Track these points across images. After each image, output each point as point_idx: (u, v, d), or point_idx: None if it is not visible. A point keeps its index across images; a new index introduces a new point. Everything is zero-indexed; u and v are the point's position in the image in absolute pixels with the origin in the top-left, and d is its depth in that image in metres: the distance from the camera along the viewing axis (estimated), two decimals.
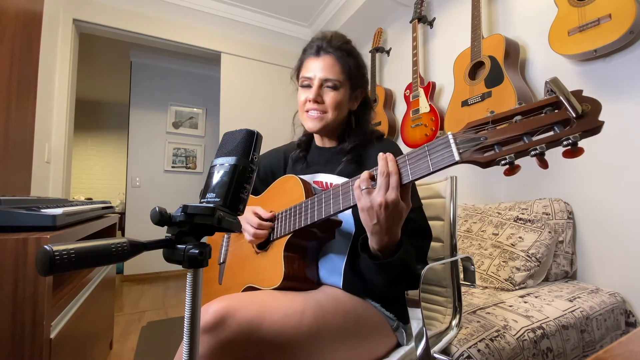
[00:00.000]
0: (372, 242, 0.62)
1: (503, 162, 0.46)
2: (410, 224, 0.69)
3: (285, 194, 0.81)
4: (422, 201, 0.83)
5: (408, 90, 2.05)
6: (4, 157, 1.27)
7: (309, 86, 0.83)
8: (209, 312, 0.57)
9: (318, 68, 0.81)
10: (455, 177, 0.92)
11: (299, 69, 0.88)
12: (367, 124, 0.90)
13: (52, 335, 0.76)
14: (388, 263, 0.60)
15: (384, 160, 0.57)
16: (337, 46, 0.82)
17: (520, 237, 1.26)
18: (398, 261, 0.60)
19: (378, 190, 0.56)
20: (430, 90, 1.93)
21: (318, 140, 0.93)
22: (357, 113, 0.89)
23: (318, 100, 0.81)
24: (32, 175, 1.59)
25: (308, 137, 0.96)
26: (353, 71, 0.83)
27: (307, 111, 0.83)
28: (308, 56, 0.84)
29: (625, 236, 1.20)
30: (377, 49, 2.47)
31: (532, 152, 0.45)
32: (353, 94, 0.86)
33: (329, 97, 0.81)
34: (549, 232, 1.25)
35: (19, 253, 0.70)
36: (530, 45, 1.53)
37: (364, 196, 0.57)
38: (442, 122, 1.81)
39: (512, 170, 0.46)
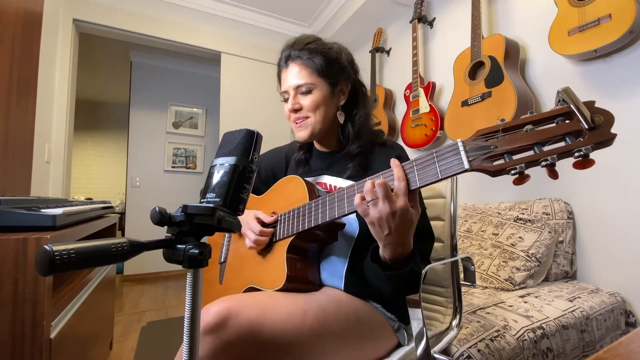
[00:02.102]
0: (385, 253, 0.60)
1: (513, 171, 0.45)
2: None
3: (288, 195, 0.81)
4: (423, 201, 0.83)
5: (408, 90, 2.05)
6: (4, 157, 1.27)
7: (286, 100, 0.83)
8: (210, 313, 0.56)
9: (289, 78, 0.81)
10: (456, 177, 0.91)
11: (279, 85, 0.87)
12: (366, 116, 0.84)
13: (52, 335, 0.76)
14: (401, 274, 0.60)
15: (393, 165, 0.56)
16: (300, 48, 0.80)
17: (520, 237, 1.26)
18: (410, 271, 0.60)
19: (383, 199, 0.54)
20: (430, 90, 1.93)
21: (318, 146, 0.92)
22: (348, 106, 0.84)
23: (296, 107, 0.81)
24: (32, 175, 1.59)
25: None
26: (323, 67, 0.79)
27: (294, 122, 0.83)
28: (281, 70, 0.84)
29: (625, 236, 1.20)
30: (377, 49, 2.47)
31: (543, 163, 0.44)
32: (335, 89, 0.82)
33: (306, 100, 0.80)
34: (549, 232, 1.25)
35: (19, 253, 0.70)
36: (530, 45, 1.53)
37: (372, 208, 0.56)
38: (442, 122, 1.81)
39: (521, 179, 0.45)
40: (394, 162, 0.57)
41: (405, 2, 2.25)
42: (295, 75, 0.80)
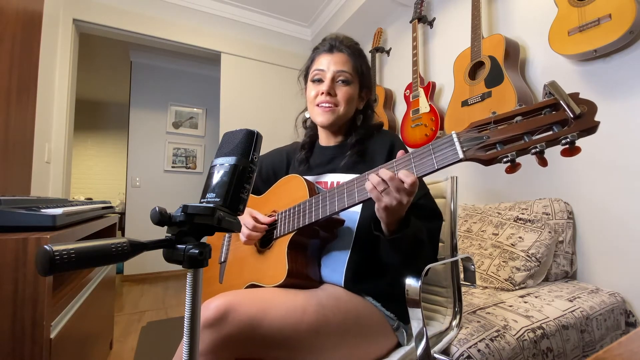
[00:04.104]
0: (384, 227, 0.65)
1: (505, 159, 0.48)
2: (421, 210, 0.74)
3: (288, 193, 0.81)
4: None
5: (408, 90, 2.05)
6: (4, 157, 1.27)
7: (320, 80, 0.84)
8: (210, 307, 0.57)
9: (333, 62, 0.83)
10: (456, 177, 0.92)
11: (309, 66, 0.89)
12: (370, 121, 0.92)
13: (52, 335, 0.76)
14: (401, 238, 0.64)
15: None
16: (349, 45, 0.85)
17: (520, 237, 1.26)
18: (413, 237, 0.64)
19: (398, 191, 0.58)
20: (430, 90, 1.93)
21: (323, 139, 0.94)
22: (362, 112, 0.91)
23: (331, 92, 0.82)
24: (32, 175, 1.59)
25: (312, 138, 0.96)
26: (363, 70, 0.86)
27: (318, 105, 0.83)
28: (320, 53, 0.86)
29: (626, 236, 1.20)
30: (377, 49, 2.47)
31: (533, 150, 0.47)
32: (361, 93, 0.88)
33: (342, 91, 0.83)
34: (549, 232, 1.25)
35: (19, 253, 0.70)
36: (530, 45, 1.53)
37: (385, 196, 0.59)
38: (442, 122, 1.81)
39: (513, 168, 0.48)
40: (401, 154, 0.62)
41: (405, 2, 2.25)
42: (342, 62, 0.83)
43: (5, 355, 0.69)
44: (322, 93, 0.82)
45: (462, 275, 0.90)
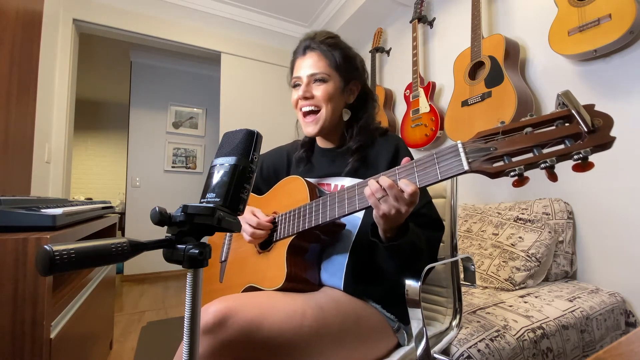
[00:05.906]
0: (381, 233, 0.64)
1: (512, 173, 0.45)
2: (422, 219, 0.72)
3: (289, 195, 0.81)
4: None
5: (408, 90, 2.05)
6: (4, 157, 1.27)
7: (299, 85, 0.84)
8: (209, 312, 0.56)
9: (305, 66, 0.82)
10: (456, 177, 0.91)
11: (291, 72, 0.89)
12: (370, 118, 0.88)
13: (52, 335, 0.76)
14: (399, 246, 0.63)
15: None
16: (321, 41, 0.83)
17: (520, 237, 1.26)
18: (411, 245, 0.63)
19: (396, 199, 0.56)
20: (430, 90, 1.93)
21: (320, 142, 0.93)
22: (355, 107, 0.88)
23: (307, 95, 0.82)
24: (32, 175, 1.59)
25: (311, 137, 0.95)
26: (340, 62, 0.82)
27: (301, 110, 0.84)
28: (296, 58, 0.86)
29: (625, 236, 1.20)
30: (377, 49, 2.47)
31: (542, 165, 0.44)
32: (346, 87, 0.85)
33: (319, 90, 0.81)
34: (549, 232, 1.25)
35: (19, 253, 0.70)
36: (530, 45, 1.53)
37: (382, 204, 0.58)
38: (442, 122, 1.81)
39: (521, 181, 0.45)
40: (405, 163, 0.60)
41: (405, 2, 2.25)
42: (313, 63, 0.81)
43: (5, 355, 0.69)
44: (300, 98, 0.83)
45: (462, 275, 0.90)
